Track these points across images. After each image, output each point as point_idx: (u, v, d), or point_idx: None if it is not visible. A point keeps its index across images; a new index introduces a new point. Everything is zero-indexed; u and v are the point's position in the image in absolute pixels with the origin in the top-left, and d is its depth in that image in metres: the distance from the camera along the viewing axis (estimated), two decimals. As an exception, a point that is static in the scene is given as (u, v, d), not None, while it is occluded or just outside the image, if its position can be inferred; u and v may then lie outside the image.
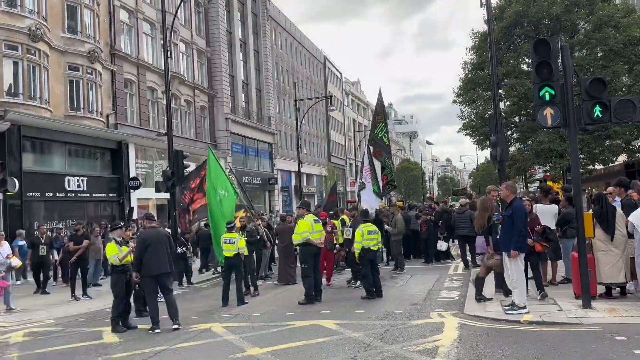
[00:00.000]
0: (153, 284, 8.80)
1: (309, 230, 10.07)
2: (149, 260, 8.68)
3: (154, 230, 9.07)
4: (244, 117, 38.63)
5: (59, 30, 22.20)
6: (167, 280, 8.94)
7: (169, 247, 9.00)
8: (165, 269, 8.80)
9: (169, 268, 8.86)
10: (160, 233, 9.09)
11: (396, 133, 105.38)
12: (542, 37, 8.96)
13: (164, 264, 8.78)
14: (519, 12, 17.67)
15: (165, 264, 8.79)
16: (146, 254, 8.66)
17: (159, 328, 8.48)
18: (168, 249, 8.92)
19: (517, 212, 7.84)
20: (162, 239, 8.88)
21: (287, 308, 9.78)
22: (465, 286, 10.99)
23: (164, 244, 8.86)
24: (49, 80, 21.50)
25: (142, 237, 8.96)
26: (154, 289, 8.83)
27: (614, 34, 17.03)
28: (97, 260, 15.04)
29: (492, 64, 13.28)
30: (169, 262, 8.86)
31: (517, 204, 8.01)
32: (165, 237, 9.07)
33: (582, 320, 7.22)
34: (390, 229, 14.48)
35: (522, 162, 18.79)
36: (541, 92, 7.66)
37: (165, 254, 8.82)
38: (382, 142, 15.48)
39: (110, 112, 25.09)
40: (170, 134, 15.33)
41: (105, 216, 24.64)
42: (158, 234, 8.97)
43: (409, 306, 9.27)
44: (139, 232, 11.53)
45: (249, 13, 41.50)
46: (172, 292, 9.05)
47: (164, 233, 9.18)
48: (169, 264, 8.88)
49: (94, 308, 11.47)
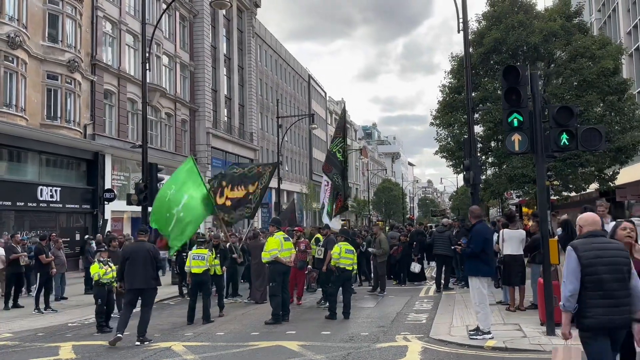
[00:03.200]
0: (130, 296, 8.91)
1: (278, 248, 9.95)
2: (127, 274, 8.86)
3: (137, 245, 9.26)
4: (226, 132, 38.52)
5: (39, 38, 21.98)
6: (147, 295, 8.89)
7: (150, 262, 8.83)
8: (139, 284, 8.73)
9: (143, 284, 8.74)
10: (142, 248, 9.00)
11: (378, 153, 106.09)
12: (511, 64, 9.10)
13: (139, 280, 8.72)
14: (498, 39, 17.99)
15: (141, 280, 8.72)
16: (126, 267, 8.87)
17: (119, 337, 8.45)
18: (148, 264, 8.79)
19: (474, 235, 7.95)
20: (141, 254, 8.84)
21: (252, 327, 9.60)
22: (434, 309, 10.94)
23: (143, 259, 8.77)
24: (26, 88, 21.20)
25: (123, 251, 9.72)
26: (129, 301, 8.89)
27: (588, 65, 17.45)
28: (61, 274, 14.68)
29: (468, 88, 13.45)
30: (146, 278, 8.75)
31: (477, 227, 8.08)
32: (145, 252, 8.90)
33: (545, 347, 7.19)
34: (375, 251, 14.41)
35: (496, 186, 18.96)
36: (510, 118, 7.75)
37: (142, 269, 8.74)
38: (334, 158, 15.17)
39: (88, 122, 24.79)
40: (145, 146, 15.14)
41: (77, 227, 24.24)
42: (139, 249, 9.00)
43: (376, 328, 9.18)
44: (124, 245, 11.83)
45: (235, 29, 41.68)
46: (150, 308, 8.92)
47: (145, 248, 9.01)
48: (146, 279, 8.75)
49: (56, 322, 11.14)
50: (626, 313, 4.23)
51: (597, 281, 4.21)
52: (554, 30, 17.94)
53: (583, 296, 4.25)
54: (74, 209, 23.87)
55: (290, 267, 10.40)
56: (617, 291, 4.21)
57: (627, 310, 4.24)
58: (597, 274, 4.22)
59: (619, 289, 4.21)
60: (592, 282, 4.22)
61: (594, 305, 4.19)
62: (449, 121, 19.01)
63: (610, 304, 4.18)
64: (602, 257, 4.27)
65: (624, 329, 4.29)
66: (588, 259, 4.25)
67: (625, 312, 4.22)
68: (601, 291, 4.19)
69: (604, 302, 4.17)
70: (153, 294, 9.04)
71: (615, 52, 18.53)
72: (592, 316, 4.18)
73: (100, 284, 9.79)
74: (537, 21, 18.55)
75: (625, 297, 4.23)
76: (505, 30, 18.02)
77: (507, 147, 7.85)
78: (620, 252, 4.36)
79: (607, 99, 17.67)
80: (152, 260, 8.86)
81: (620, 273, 4.24)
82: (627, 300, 4.24)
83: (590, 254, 4.27)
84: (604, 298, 4.18)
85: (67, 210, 23.42)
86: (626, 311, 4.23)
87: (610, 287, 4.20)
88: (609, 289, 4.19)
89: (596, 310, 4.18)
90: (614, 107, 17.88)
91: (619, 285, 4.22)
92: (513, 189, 19.90)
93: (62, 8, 22.98)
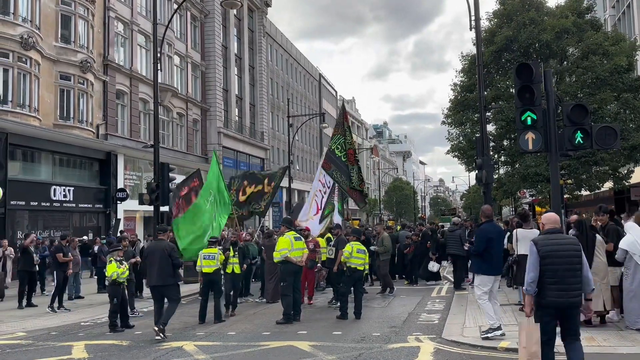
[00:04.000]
0: (153, 293, 9.31)
1: (288, 247, 9.91)
2: (147, 271, 9.41)
3: (154, 243, 9.63)
4: (237, 131, 38.61)
5: (51, 39, 22.18)
6: (168, 291, 9.16)
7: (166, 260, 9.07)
8: (155, 281, 9.12)
9: (160, 281, 9.05)
10: (159, 246, 9.29)
11: (390, 152, 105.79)
12: (524, 62, 8.97)
13: (155, 277, 9.09)
14: (509, 37, 17.79)
15: (157, 277, 9.05)
16: (147, 265, 9.34)
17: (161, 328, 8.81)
18: (164, 262, 9.04)
19: (478, 235, 8.10)
20: (157, 252, 9.14)
21: (264, 327, 9.59)
22: (446, 309, 10.85)
23: (159, 257, 9.06)
24: (40, 88, 21.42)
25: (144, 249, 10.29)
26: (154, 298, 9.28)
27: (601, 62, 17.21)
28: (75, 274, 14.79)
29: (480, 86, 13.32)
30: (162, 275, 9.03)
31: (482, 227, 8.18)
32: (161, 250, 9.16)
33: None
34: (377, 249, 14.34)
35: (509, 185, 18.75)
36: (523, 116, 7.66)
37: (158, 267, 9.03)
38: (333, 155, 14.96)
39: (101, 122, 24.99)
40: (157, 145, 15.20)
41: (90, 227, 24.44)
42: (155, 247, 9.37)
43: (388, 329, 9.12)
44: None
45: (246, 29, 41.75)
46: (175, 303, 9.24)
47: (162, 246, 9.27)
48: (162, 276, 9.04)
49: (69, 321, 11.22)
50: (576, 296, 5.15)
51: (553, 270, 5.10)
52: (566, 27, 17.73)
53: (541, 282, 5.15)
54: (87, 208, 24.07)
55: (302, 267, 10.36)
56: (568, 278, 5.11)
57: (577, 294, 5.16)
58: (552, 265, 5.11)
59: (570, 277, 5.12)
60: (548, 270, 5.12)
61: (549, 289, 5.10)
62: (461, 120, 18.86)
63: (562, 289, 5.08)
64: (557, 250, 5.15)
65: (574, 308, 5.21)
66: (545, 252, 5.14)
67: (574, 295, 5.13)
68: (555, 278, 5.09)
69: (557, 287, 5.08)
70: (174, 290, 9.32)
71: (629, 49, 18.26)
72: (547, 297, 5.11)
73: (116, 283, 9.88)
74: (549, 18, 18.34)
75: (575, 284, 5.13)
76: (517, 27, 17.84)
77: (520, 145, 7.76)
78: (573, 247, 5.24)
79: (622, 97, 17.42)
80: (167, 257, 9.10)
81: (572, 264, 5.14)
82: (577, 286, 5.14)
83: (547, 248, 5.15)
84: (557, 284, 5.08)
85: (80, 209, 23.62)
86: (576, 295, 5.15)
87: (562, 275, 5.09)
88: (562, 276, 5.09)
89: (551, 293, 5.10)
90: (629, 105, 17.62)
91: (570, 273, 5.12)
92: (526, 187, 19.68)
93: (75, 9, 23.16)
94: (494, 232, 8.20)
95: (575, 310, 5.27)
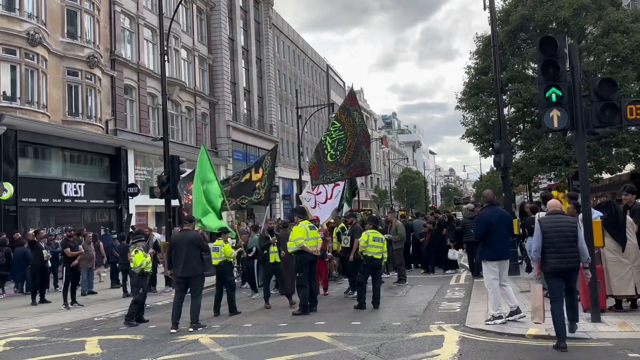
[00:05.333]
0: (180, 285, 9.11)
1: (304, 237, 9.64)
2: (174, 263, 9.20)
3: (181, 234, 9.50)
4: (246, 124, 38.37)
5: (58, 35, 22.00)
6: (194, 282, 9.03)
7: (196, 250, 9.03)
8: (182, 272, 8.96)
9: (187, 272, 8.93)
10: (186, 236, 9.21)
11: (399, 142, 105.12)
12: (548, 35, 8.54)
13: (183, 268, 8.93)
14: (525, 16, 17.21)
15: (186, 268, 8.92)
16: (172, 256, 9.19)
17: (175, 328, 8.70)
18: (192, 252, 8.96)
19: (477, 220, 8.31)
20: (184, 243, 9.03)
21: (280, 319, 9.34)
22: (467, 297, 10.54)
23: (187, 247, 8.96)
24: (47, 84, 21.27)
25: (170, 240, 9.96)
26: (179, 289, 9.06)
27: (622, 40, 16.63)
28: (89, 269, 14.68)
29: (496, 68, 12.90)
30: (189, 266, 8.92)
31: (482, 212, 8.30)
32: (188, 240, 9.07)
33: (592, 335, 6.78)
34: (391, 237, 14.01)
35: (527, 170, 18.26)
36: (547, 92, 7.27)
37: (185, 258, 8.91)
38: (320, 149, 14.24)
39: (110, 117, 24.84)
40: (166, 138, 14.98)
41: (102, 223, 24.37)
42: (182, 237, 9.25)
43: (408, 318, 8.83)
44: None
45: (252, 21, 41.39)
46: (199, 295, 9.09)
47: (188, 236, 9.19)
48: (190, 268, 8.93)
49: (82, 317, 11.07)
50: (573, 262, 6.48)
51: (552, 242, 6.44)
52: (585, 3, 17.11)
53: (544, 252, 6.48)
54: (99, 204, 23.98)
55: (317, 257, 10.08)
56: (565, 248, 6.42)
57: (574, 261, 6.49)
58: (551, 238, 6.44)
59: (567, 247, 6.43)
60: (548, 242, 6.46)
61: (550, 258, 6.45)
62: (476, 103, 18.36)
63: (559, 257, 6.41)
64: (555, 227, 6.49)
65: (572, 272, 6.53)
66: (546, 228, 6.51)
67: (571, 262, 6.46)
68: (554, 248, 6.43)
69: (555, 256, 6.42)
70: (200, 281, 9.20)
71: None
72: (549, 264, 6.47)
73: (144, 273, 9.84)
74: (566, -6, 17.72)
75: (571, 252, 6.45)
76: (533, 6, 17.27)
77: (545, 123, 7.37)
78: (569, 224, 6.59)
79: (645, 74, 16.84)
80: (196, 248, 9.02)
81: (568, 237, 6.45)
82: (573, 255, 6.46)
83: (548, 225, 6.52)
84: (556, 253, 6.42)
85: (91, 205, 23.52)
86: (573, 261, 6.48)
87: (560, 246, 6.42)
88: (560, 247, 6.42)
89: (552, 260, 6.44)
90: (652, 83, 17.06)
91: (567, 244, 6.43)
92: (544, 172, 19.15)
93: (80, 4, 22.96)
94: (494, 216, 7.95)
95: (574, 274, 6.56)
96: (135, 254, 9.95)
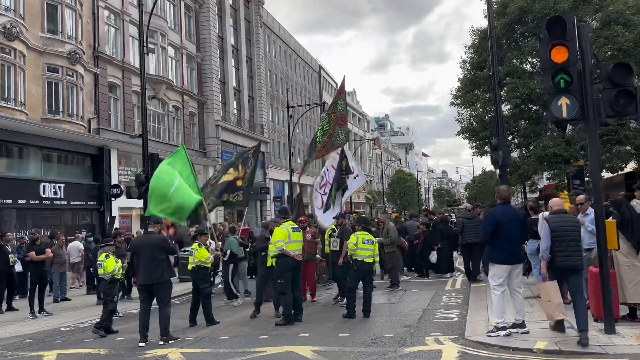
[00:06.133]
0: (142, 294, 8.23)
1: (285, 239, 8.80)
2: (136, 269, 8.36)
3: (143, 237, 8.59)
4: (235, 124, 37.51)
5: (37, 30, 21.08)
6: (160, 291, 8.08)
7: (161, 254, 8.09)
8: (147, 279, 8.04)
9: (149, 279, 8.01)
10: (148, 239, 8.28)
11: (392, 144, 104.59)
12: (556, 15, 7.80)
13: (147, 275, 8.01)
14: (523, 8, 16.57)
15: (149, 275, 7.99)
16: (134, 262, 8.33)
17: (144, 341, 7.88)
18: (158, 256, 8.03)
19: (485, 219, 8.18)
20: (147, 246, 8.11)
21: (261, 330, 8.52)
22: (464, 304, 9.78)
23: (150, 251, 8.03)
24: (26, 81, 20.34)
25: (131, 245, 9.19)
26: (143, 299, 8.17)
27: (623, 32, 15.98)
28: (61, 274, 13.81)
29: (493, 60, 12.15)
30: (152, 273, 7.98)
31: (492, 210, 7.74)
32: (151, 244, 8.13)
33: (607, 349, 6.04)
34: (382, 240, 13.23)
35: (525, 169, 17.56)
36: (556, 78, 6.53)
37: (147, 264, 8.01)
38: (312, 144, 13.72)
39: (92, 116, 23.91)
40: (145, 135, 14.17)
41: (84, 225, 23.44)
42: (144, 241, 8.35)
43: (401, 329, 8.04)
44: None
45: (242, 19, 40.56)
46: (166, 305, 8.12)
47: (151, 239, 8.23)
48: (152, 274, 7.98)
49: (48, 327, 10.20)
50: (577, 261, 6.58)
51: (560, 241, 6.50)
52: None
53: (552, 250, 6.55)
54: (80, 206, 23.03)
55: (301, 261, 9.22)
56: (570, 247, 6.52)
57: (578, 260, 6.60)
58: (559, 237, 6.51)
59: (573, 246, 6.54)
60: (557, 241, 6.51)
61: (557, 256, 6.51)
62: (471, 99, 17.64)
63: (566, 255, 6.49)
64: (563, 225, 6.59)
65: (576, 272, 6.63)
66: (555, 227, 6.56)
67: (576, 260, 6.57)
68: (562, 247, 6.50)
69: (563, 254, 6.50)
70: (166, 289, 8.19)
71: None
72: (556, 263, 6.54)
73: (114, 280, 9.15)
74: (565, -15, 17.04)
75: (576, 252, 6.58)
76: (531, -3, 16.59)
77: (552, 113, 6.62)
78: (573, 223, 6.79)
79: (647, 69, 16.16)
80: (161, 252, 8.10)
81: (573, 236, 6.59)
82: (577, 253, 6.59)
83: (556, 224, 6.59)
84: (563, 252, 6.50)
85: (72, 207, 22.57)
86: (577, 260, 6.59)
87: (567, 245, 6.49)
88: (566, 245, 6.50)
89: (559, 259, 6.52)
90: (655, 78, 16.39)
91: (573, 243, 6.54)
92: (543, 170, 18.43)
93: (61, -3, 22.06)
94: (505, 215, 7.08)
95: (578, 273, 6.65)
96: (106, 260, 9.15)
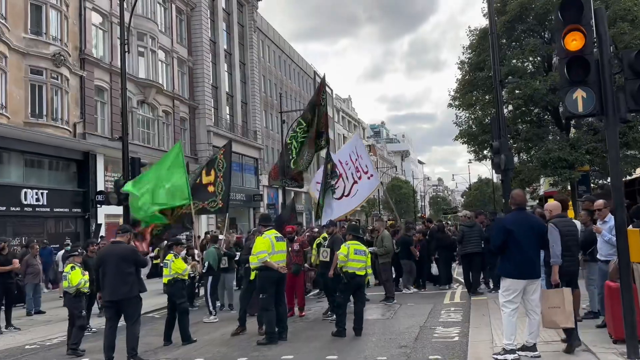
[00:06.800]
0: (108, 311, 7.46)
1: (268, 250, 7.97)
2: (101, 283, 7.50)
3: (110, 247, 7.67)
4: (228, 130, 36.73)
5: (20, 31, 20.32)
6: (128, 308, 7.27)
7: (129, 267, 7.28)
8: (113, 295, 7.22)
9: (115, 295, 7.21)
10: (115, 250, 7.42)
11: (388, 152, 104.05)
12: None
13: (113, 290, 7.21)
14: (524, 5, 15.88)
15: (115, 290, 7.19)
16: (100, 275, 7.46)
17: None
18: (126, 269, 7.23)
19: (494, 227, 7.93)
20: (113, 258, 7.28)
21: (240, 351, 7.67)
22: (465, 321, 8.96)
23: (116, 264, 7.23)
24: (7, 83, 19.56)
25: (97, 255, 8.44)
26: (110, 316, 7.41)
27: (630, 30, 15.30)
28: (35, 285, 12.94)
29: (494, 58, 11.45)
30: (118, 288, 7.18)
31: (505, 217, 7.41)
32: (118, 255, 7.30)
33: None
34: (376, 250, 12.43)
35: (527, 174, 16.80)
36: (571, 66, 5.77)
37: (114, 278, 7.20)
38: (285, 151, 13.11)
39: (78, 120, 23.11)
40: (125, 138, 13.41)
41: (68, 233, 22.56)
42: (110, 252, 7.46)
43: (396, 350, 7.21)
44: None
45: (235, 23, 39.91)
46: (135, 322, 7.29)
47: (117, 251, 7.39)
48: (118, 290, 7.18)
49: (13, 344, 9.34)
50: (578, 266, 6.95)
51: (567, 245, 6.42)
52: None
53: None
54: (64, 213, 22.18)
55: (285, 274, 8.37)
56: (575, 252, 6.72)
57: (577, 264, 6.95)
58: (567, 242, 6.44)
59: (575, 251, 6.76)
60: (565, 246, 6.38)
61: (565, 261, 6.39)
62: (470, 101, 16.89)
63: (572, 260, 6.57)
64: (569, 230, 6.59)
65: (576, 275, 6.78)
66: (564, 231, 6.41)
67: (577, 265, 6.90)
68: (570, 252, 6.50)
69: (569, 259, 6.48)
70: (134, 305, 7.34)
71: None
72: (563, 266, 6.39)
73: (80, 293, 8.40)
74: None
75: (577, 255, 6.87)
76: (533, -7, 15.89)
77: (567, 108, 5.86)
78: (575, 228, 6.88)
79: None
80: (129, 264, 7.27)
81: (575, 240, 6.75)
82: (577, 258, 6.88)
83: (565, 229, 6.47)
84: (570, 256, 6.52)
85: (55, 214, 21.73)
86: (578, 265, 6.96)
87: (573, 250, 6.59)
88: (572, 250, 6.58)
89: (566, 264, 6.42)
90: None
91: (575, 248, 6.73)
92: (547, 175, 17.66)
93: (45, -2, 21.32)
94: (517, 223, 6.22)
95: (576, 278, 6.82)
96: (71, 272, 8.31)
